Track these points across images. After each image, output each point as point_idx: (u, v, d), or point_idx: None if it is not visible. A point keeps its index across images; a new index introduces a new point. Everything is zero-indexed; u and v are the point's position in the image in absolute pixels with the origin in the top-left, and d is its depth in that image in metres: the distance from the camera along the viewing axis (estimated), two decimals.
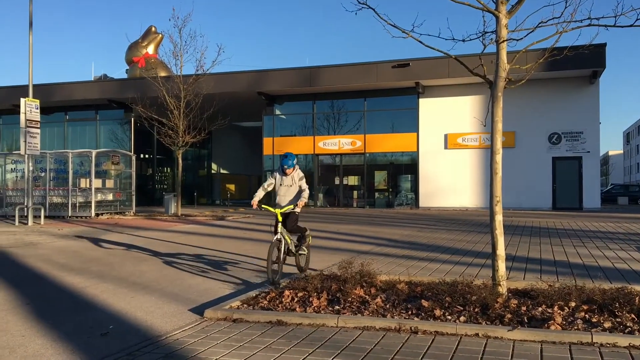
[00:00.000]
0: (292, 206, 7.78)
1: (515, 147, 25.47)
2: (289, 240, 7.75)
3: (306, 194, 7.90)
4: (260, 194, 7.98)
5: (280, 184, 7.97)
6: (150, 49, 36.82)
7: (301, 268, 8.13)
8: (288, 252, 7.83)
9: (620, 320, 4.97)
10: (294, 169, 7.96)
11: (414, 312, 5.46)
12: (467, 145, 26.42)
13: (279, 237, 7.50)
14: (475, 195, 26.14)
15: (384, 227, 16.12)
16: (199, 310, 5.97)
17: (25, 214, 18.75)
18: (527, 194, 25.25)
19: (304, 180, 8.01)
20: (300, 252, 8.13)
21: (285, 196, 7.98)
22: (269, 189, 8.10)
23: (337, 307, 5.73)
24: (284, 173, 7.95)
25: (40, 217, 19.07)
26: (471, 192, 26.26)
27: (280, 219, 7.63)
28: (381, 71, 26.25)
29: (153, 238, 13.79)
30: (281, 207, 7.81)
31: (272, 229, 7.88)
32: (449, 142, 26.72)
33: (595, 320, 5.00)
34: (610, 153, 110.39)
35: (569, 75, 24.77)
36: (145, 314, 5.93)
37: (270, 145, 29.49)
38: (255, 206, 7.79)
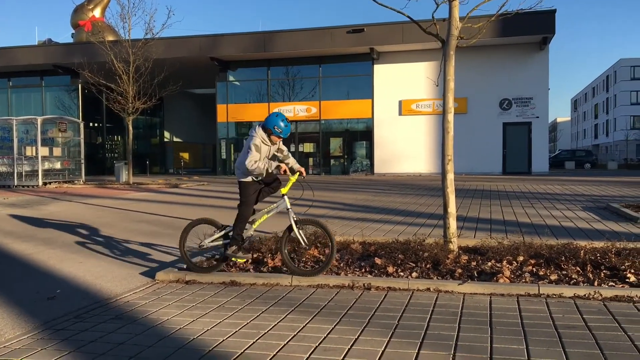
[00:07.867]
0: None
1: (467, 113, 25.83)
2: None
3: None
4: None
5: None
6: (97, 12, 35.38)
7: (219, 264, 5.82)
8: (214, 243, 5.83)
9: (566, 272, 5.14)
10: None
11: (367, 270, 5.50)
12: (421, 112, 26.64)
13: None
14: (429, 161, 26.50)
15: (339, 193, 16.17)
16: (150, 273, 5.87)
17: None
18: (479, 159, 25.76)
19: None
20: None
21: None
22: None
23: None
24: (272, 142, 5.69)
25: None
26: (425, 158, 26.59)
27: (284, 191, 5.77)
28: (336, 37, 26.03)
29: (103, 205, 13.46)
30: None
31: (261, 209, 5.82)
32: (403, 108, 26.86)
33: (542, 274, 5.14)
34: (559, 120, 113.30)
35: (520, 42, 25.12)
36: (94, 278, 5.79)
37: (224, 113, 29.04)
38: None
